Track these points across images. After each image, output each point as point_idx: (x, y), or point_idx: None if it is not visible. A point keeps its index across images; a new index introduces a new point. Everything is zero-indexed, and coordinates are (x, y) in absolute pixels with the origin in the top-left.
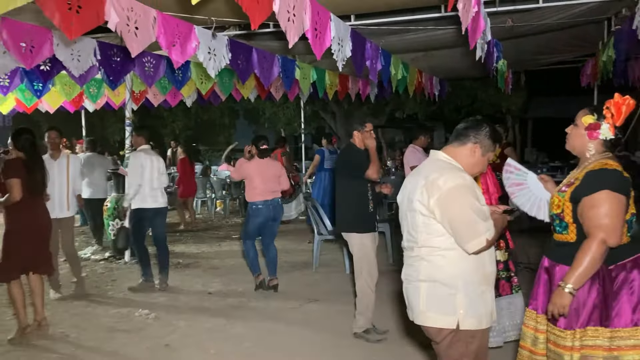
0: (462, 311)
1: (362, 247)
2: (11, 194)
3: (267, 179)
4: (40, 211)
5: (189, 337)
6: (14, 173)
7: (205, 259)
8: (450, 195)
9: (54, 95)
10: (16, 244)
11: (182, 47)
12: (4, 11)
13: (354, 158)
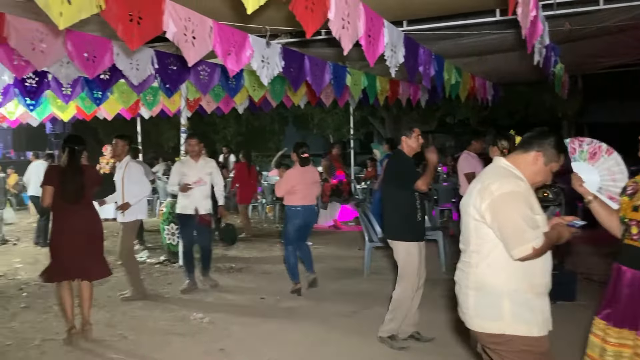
0: (509, 317)
1: (407, 256)
2: (42, 199)
3: (307, 185)
4: (77, 218)
5: (244, 342)
6: (47, 180)
7: (257, 264)
8: (501, 201)
9: (112, 103)
10: (55, 248)
11: (237, 56)
12: (71, 23)
13: (402, 167)
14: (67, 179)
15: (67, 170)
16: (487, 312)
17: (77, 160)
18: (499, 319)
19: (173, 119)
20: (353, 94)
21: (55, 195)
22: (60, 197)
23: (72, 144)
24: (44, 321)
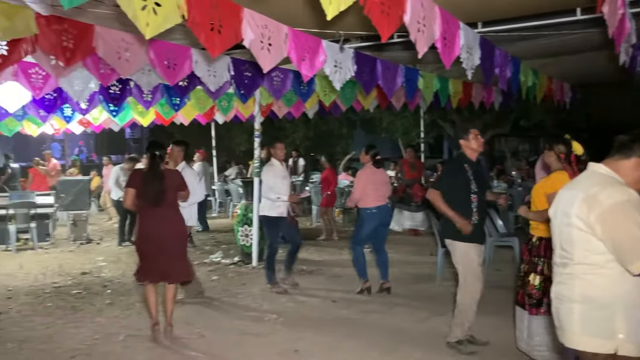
0: (622, 336)
1: (465, 257)
2: (124, 201)
3: (379, 186)
4: (159, 221)
5: (317, 344)
6: (130, 183)
7: (327, 267)
8: (613, 212)
9: (189, 108)
10: (139, 250)
11: (311, 61)
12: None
13: (443, 171)
14: (148, 183)
15: (148, 174)
16: (596, 329)
17: (158, 164)
18: (611, 337)
19: (245, 124)
20: (425, 97)
21: (138, 199)
22: (142, 200)
23: (153, 149)
24: (127, 317)
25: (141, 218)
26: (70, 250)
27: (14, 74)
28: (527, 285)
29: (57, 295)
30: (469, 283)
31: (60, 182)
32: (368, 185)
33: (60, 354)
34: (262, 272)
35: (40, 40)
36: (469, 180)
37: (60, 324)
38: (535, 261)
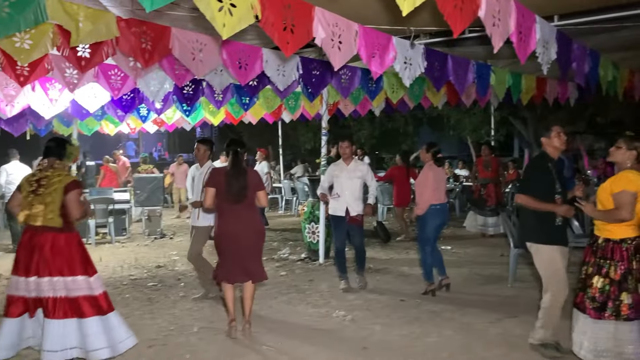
0: None
1: (549, 260)
2: (204, 200)
3: (441, 183)
4: (239, 220)
5: (386, 342)
6: (210, 182)
7: (395, 266)
8: None
9: (257, 108)
10: (218, 249)
11: (381, 58)
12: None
13: (528, 172)
14: (231, 181)
15: (230, 172)
16: None
17: (240, 162)
18: None
19: (310, 123)
20: (497, 93)
21: (219, 197)
22: (223, 198)
23: (235, 147)
24: (200, 310)
25: (221, 216)
26: (145, 244)
27: (95, 76)
28: (590, 287)
29: (134, 287)
30: (554, 286)
31: (136, 179)
32: (432, 184)
33: (138, 344)
34: (329, 269)
35: (121, 42)
36: (553, 180)
37: (138, 314)
38: (601, 263)
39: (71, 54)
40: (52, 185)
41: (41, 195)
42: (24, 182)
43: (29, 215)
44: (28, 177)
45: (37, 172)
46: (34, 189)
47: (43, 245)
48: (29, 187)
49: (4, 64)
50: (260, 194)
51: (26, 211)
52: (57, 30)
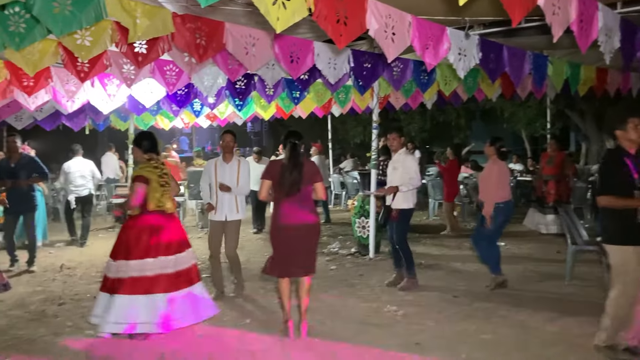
0: None
1: (621, 261)
2: (259, 192)
3: (504, 181)
4: (295, 213)
5: (439, 338)
6: (266, 174)
7: (447, 261)
8: None
9: (307, 102)
10: (274, 242)
11: (434, 49)
12: (286, 26)
13: (601, 170)
14: (285, 173)
15: (288, 164)
16: None
17: (298, 154)
18: None
19: (359, 116)
20: (554, 84)
21: (275, 190)
22: (279, 191)
23: (293, 139)
24: (251, 302)
25: (277, 209)
26: (198, 236)
27: (151, 71)
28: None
29: None
30: (626, 287)
31: (189, 173)
32: (504, 179)
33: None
34: (379, 264)
35: (176, 38)
36: (629, 175)
37: None
38: None
39: (129, 50)
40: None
41: (167, 187)
42: (153, 176)
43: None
44: (153, 171)
45: (155, 165)
46: (163, 183)
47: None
48: (160, 180)
49: (65, 61)
50: (318, 185)
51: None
52: (115, 27)
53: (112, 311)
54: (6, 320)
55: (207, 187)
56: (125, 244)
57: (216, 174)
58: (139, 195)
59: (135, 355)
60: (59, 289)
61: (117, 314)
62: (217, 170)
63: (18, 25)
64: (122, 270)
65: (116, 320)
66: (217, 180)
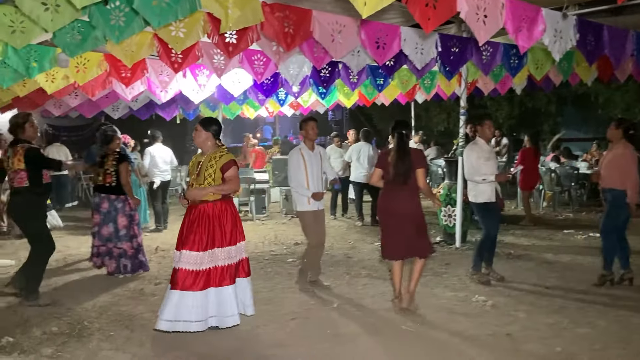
0: None
1: None
2: (370, 179)
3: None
4: (402, 200)
5: (531, 330)
6: (378, 163)
7: (537, 252)
8: None
9: (391, 88)
10: (383, 227)
11: (528, 32)
12: (373, 12)
13: None
14: (397, 162)
15: (397, 153)
16: None
17: (406, 144)
18: None
19: (443, 103)
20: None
21: (385, 178)
22: (389, 178)
23: (401, 129)
24: (338, 287)
25: (386, 195)
26: (282, 222)
27: (240, 61)
28: None
29: (274, 262)
30: None
31: (274, 161)
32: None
33: (282, 315)
34: (465, 253)
35: (265, 27)
36: None
37: (280, 288)
38: None
39: (220, 41)
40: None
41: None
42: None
43: None
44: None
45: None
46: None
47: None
48: (194, 169)
49: (160, 52)
50: (419, 171)
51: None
52: (207, 18)
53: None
54: (109, 297)
55: (300, 177)
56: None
57: (305, 163)
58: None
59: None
60: (155, 270)
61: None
62: (306, 159)
63: (118, 19)
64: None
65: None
66: (308, 170)
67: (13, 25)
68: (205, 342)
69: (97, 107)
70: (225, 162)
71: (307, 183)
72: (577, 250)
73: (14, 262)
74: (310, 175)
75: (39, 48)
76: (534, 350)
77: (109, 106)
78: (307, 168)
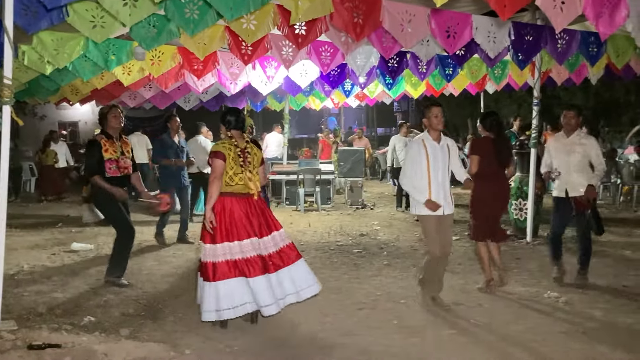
0: None
1: None
2: (470, 167)
3: None
4: (497, 186)
5: (608, 328)
6: (476, 150)
7: (615, 249)
8: None
9: (460, 78)
10: (476, 211)
11: (610, 17)
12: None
13: None
14: (501, 148)
15: (498, 141)
16: None
17: (504, 133)
18: None
19: (514, 94)
20: None
21: (482, 164)
22: (488, 165)
23: (494, 117)
24: (404, 279)
25: (482, 183)
26: (347, 213)
27: (308, 52)
28: None
29: (340, 252)
30: None
31: (340, 152)
32: None
33: (348, 305)
34: (537, 248)
35: (334, 18)
36: None
37: (346, 278)
38: None
39: (289, 33)
40: (256, 156)
41: (251, 166)
42: (231, 152)
43: (248, 186)
44: (231, 148)
45: (234, 142)
46: (243, 160)
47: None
48: (237, 159)
49: (230, 45)
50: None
51: (242, 181)
52: (277, 10)
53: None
54: (167, 286)
55: (418, 174)
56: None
57: (428, 157)
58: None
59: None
60: None
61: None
62: (429, 152)
63: (192, 12)
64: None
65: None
66: (431, 165)
67: (94, 21)
68: (278, 326)
69: (170, 99)
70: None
71: (429, 181)
72: None
73: (92, 246)
74: (433, 172)
75: (117, 42)
76: (609, 350)
77: (180, 98)
78: (430, 163)
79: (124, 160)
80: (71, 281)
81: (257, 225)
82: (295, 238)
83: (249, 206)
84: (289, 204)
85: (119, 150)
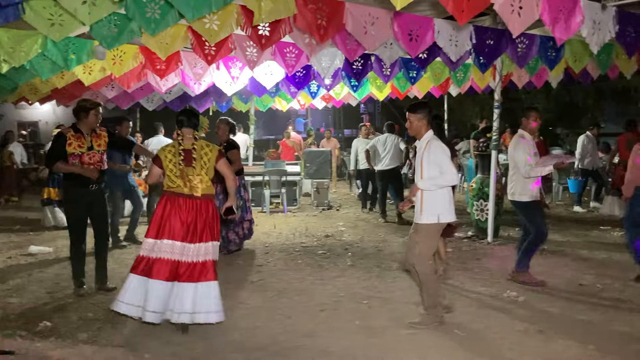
0: None
1: None
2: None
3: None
4: None
5: (565, 326)
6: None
7: (572, 248)
8: None
9: (424, 81)
10: None
11: (566, 23)
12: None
13: None
14: None
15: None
16: None
17: (443, 133)
18: None
19: (477, 97)
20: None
21: None
22: None
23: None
24: (367, 280)
25: None
26: (313, 214)
27: (272, 53)
28: None
29: (305, 253)
30: None
31: (306, 153)
32: None
33: (312, 306)
34: (497, 248)
35: (298, 19)
36: None
37: (310, 279)
38: None
39: (253, 33)
40: (206, 156)
41: (198, 165)
42: (168, 154)
43: (185, 186)
44: (169, 150)
45: (179, 140)
46: (183, 161)
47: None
48: (175, 159)
49: (194, 45)
50: None
51: (181, 181)
52: (240, 11)
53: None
54: None
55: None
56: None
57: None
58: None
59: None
60: None
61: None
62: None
63: (154, 12)
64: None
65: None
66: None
67: (52, 19)
68: (239, 329)
69: (132, 99)
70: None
71: None
72: (613, 247)
73: (51, 249)
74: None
75: (77, 40)
76: (565, 347)
77: (143, 98)
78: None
79: (91, 156)
80: (27, 285)
81: (186, 230)
82: (260, 240)
83: (186, 208)
84: (254, 206)
85: (86, 145)
